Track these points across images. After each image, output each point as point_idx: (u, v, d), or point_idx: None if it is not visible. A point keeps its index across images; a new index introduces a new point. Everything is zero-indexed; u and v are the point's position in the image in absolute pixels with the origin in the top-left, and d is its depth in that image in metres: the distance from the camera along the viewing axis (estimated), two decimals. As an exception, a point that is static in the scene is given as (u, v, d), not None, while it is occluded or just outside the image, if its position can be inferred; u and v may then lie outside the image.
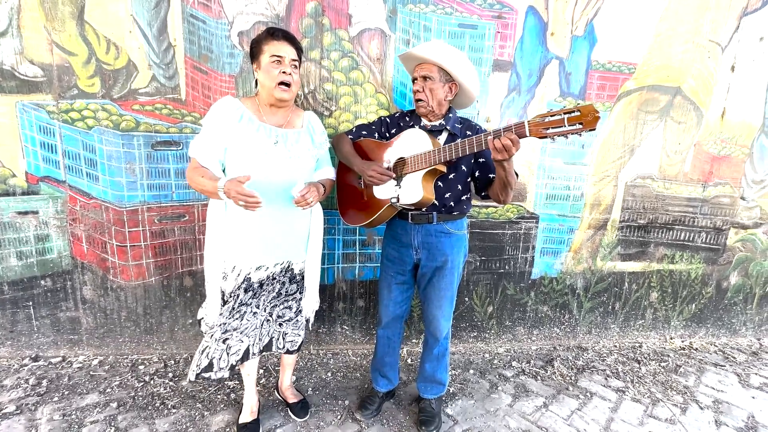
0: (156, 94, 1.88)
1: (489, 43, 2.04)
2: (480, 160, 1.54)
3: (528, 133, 1.21)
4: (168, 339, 2.15)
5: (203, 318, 1.55)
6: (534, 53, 2.09)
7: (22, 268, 1.96)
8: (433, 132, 1.55)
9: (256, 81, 1.46)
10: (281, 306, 1.64)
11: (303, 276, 1.62)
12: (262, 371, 2.06)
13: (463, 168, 1.54)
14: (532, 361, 2.29)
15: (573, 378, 2.15)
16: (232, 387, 1.92)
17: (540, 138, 1.20)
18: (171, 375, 1.98)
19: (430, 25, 1.97)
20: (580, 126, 1.13)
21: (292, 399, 1.78)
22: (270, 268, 1.52)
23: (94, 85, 1.84)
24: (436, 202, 1.54)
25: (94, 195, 1.94)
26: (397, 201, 1.50)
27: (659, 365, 2.32)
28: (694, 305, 2.61)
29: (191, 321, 2.14)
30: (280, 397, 1.84)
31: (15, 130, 1.83)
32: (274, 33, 1.39)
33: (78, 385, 1.88)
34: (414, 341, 2.36)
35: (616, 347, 2.51)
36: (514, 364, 2.26)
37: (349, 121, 2.02)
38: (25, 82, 1.80)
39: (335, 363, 2.18)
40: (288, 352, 1.69)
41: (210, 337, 1.50)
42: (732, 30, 2.23)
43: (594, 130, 1.13)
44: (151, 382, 1.93)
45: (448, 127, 1.54)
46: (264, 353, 1.66)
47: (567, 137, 1.17)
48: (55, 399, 1.78)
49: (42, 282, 1.99)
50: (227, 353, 1.53)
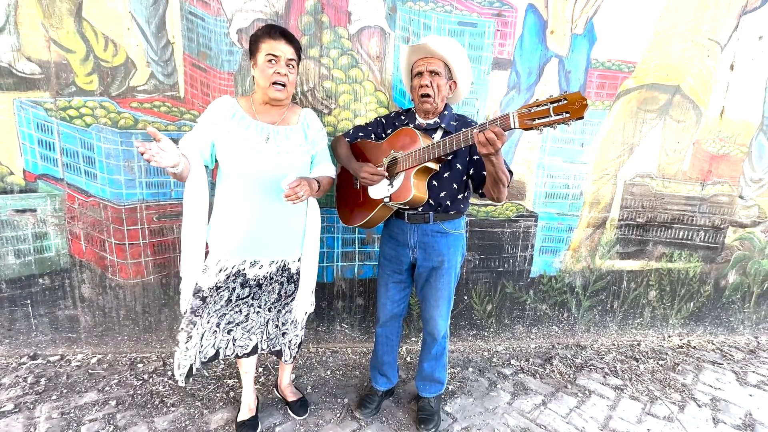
0: (154, 91, 1.87)
1: (488, 41, 2.04)
2: (474, 157, 1.52)
3: (514, 125, 1.18)
4: (167, 337, 2.15)
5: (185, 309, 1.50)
6: (534, 51, 2.09)
7: (20, 266, 1.96)
8: (428, 130, 1.54)
9: (252, 78, 1.45)
10: (284, 311, 1.63)
11: (299, 274, 1.61)
12: (261, 369, 2.06)
13: (459, 166, 1.53)
14: (531, 360, 2.30)
15: (572, 376, 2.16)
16: (231, 385, 1.92)
17: (527, 129, 1.17)
18: (170, 373, 1.98)
19: (429, 23, 1.97)
20: (567, 115, 1.08)
21: (291, 397, 1.78)
22: (265, 266, 1.51)
23: (92, 83, 1.83)
24: (431, 201, 1.53)
25: (92, 193, 1.93)
26: (390, 200, 1.50)
27: (657, 363, 2.33)
28: (692, 303, 2.62)
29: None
30: (279, 395, 1.84)
31: (12, 127, 1.82)
32: (271, 31, 1.37)
33: (77, 384, 1.88)
34: (413, 339, 2.36)
35: (614, 345, 2.52)
36: (513, 362, 2.27)
37: (349, 119, 2.02)
38: (23, 79, 1.79)
39: (334, 361, 2.18)
40: (292, 357, 1.70)
41: (215, 326, 1.48)
42: (731, 29, 2.23)
43: (581, 118, 1.06)
44: (150, 380, 1.93)
45: (443, 125, 1.53)
46: (266, 350, 1.65)
47: (554, 127, 1.13)
48: (54, 397, 1.78)
49: (40, 280, 1.99)
50: (233, 343, 1.54)
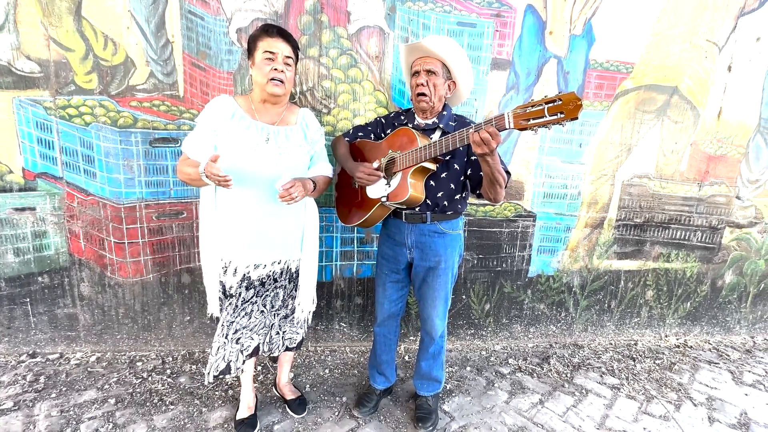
0: (154, 90, 1.87)
1: (488, 42, 2.04)
2: (472, 157, 1.52)
3: (509, 125, 1.18)
4: (166, 336, 2.16)
5: (213, 313, 1.54)
6: (532, 52, 2.09)
7: (19, 264, 1.96)
8: (427, 130, 1.55)
9: (250, 77, 1.46)
10: (285, 309, 1.65)
11: (298, 273, 1.62)
12: (259, 368, 2.07)
13: (456, 166, 1.53)
14: (528, 359, 2.31)
15: (569, 375, 2.17)
16: (230, 383, 1.92)
17: (521, 130, 1.17)
18: (169, 372, 1.99)
19: (428, 23, 1.97)
20: (561, 115, 1.08)
21: (289, 395, 1.79)
22: (268, 266, 1.52)
23: (91, 81, 1.83)
24: (428, 201, 1.53)
25: (91, 192, 1.94)
26: (387, 200, 1.50)
27: (654, 363, 2.34)
28: (689, 303, 2.64)
29: (189, 318, 2.14)
30: (277, 394, 1.85)
31: (12, 126, 1.82)
32: (268, 29, 1.39)
33: (76, 382, 1.88)
34: (411, 338, 2.37)
35: (611, 345, 2.53)
36: (510, 361, 2.28)
37: (348, 119, 2.02)
38: (22, 77, 1.79)
39: (333, 360, 2.18)
40: (287, 348, 1.70)
41: (224, 337, 1.51)
42: (729, 30, 2.24)
43: (576, 119, 1.06)
44: (149, 378, 1.93)
45: (441, 125, 1.53)
46: (267, 354, 1.67)
47: (549, 128, 1.13)
48: (53, 395, 1.78)
49: (39, 279, 1.99)
50: (241, 353, 1.55)
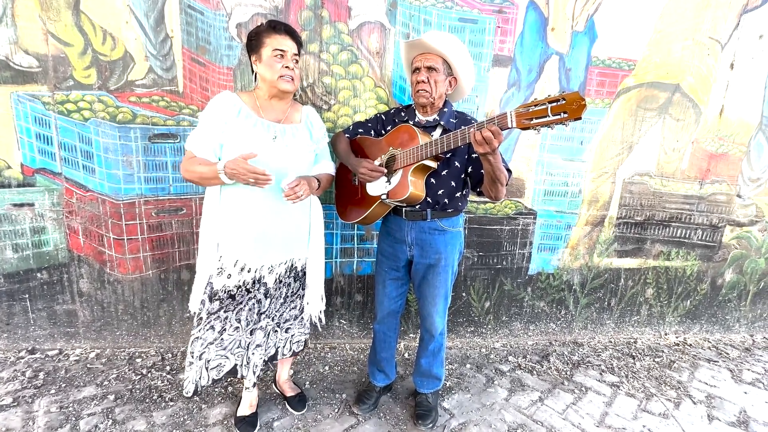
0: (153, 85, 1.86)
1: (489, 38, 2.03)
2: (473, 155, 1.51)
3: (511, 125, 1.17)
4: (165, 332, 2.15)
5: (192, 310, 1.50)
6: (534, 48, 2.08)
7: (18, 260, 1.95)
8: (427, 128, 1.54)
9: (255, 74, 1.45)
10: (288, 310, 1.64)
11: (305, 272, 1.62)
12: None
13: (457, 164, 1.52)
14: (528, 356, 2.31)
15: (568, 373, 2.17)
16: (229, 380, 1.92)
17: (524, 129, 1.15)
18: (168, 368, 1.99)
19: (430, 19, 1.96)
20: (565, 115, 1.06)
21: (289, 392, 1.79)
22: (275, 268, 1.52)
23: (90, 76, 1.82)
24: (429, 198, 1.53)
25: (90, 187, 1.93)
26: (387, 197, 1.50)
27: (653, 361, 2.35)
28: (689, 302, 2.64)
29: (188, 315, 2.14)
30: (277, 391, 1.85)
31: (10, 121, 1.81)
32: (276, 26, 1.37)
33: (75, 378, 1.88)
34: (411, 336, 2.37)
35: (611, 343, 2.53)
36: (510, 358, 2.28)
37: (348, 115, 2.01)
38: (20, 72, 1.78)
39: (333, 357, 2.18)
40: (293, 354, 1.70)
41: (218, 321, 1.48)
42: (732, 27, 2.23)
43: (579, 119, 1.05)
44: (149, 375, 1.93)
45: (442, 123, 1.52)
46: (269, 361, 1.66)
47: (552, 128, 1.12)
48: (52, 391, 1.78)
49: (38, 275, 1.98)
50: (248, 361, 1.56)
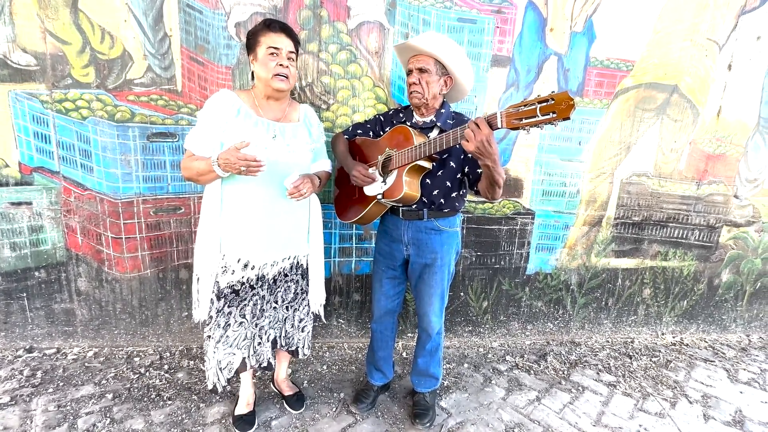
0: (151, 84, 1.86)
1: (488, 38, 2.03)
2: (468, 155, 1.51)
3: (501, 125, 1.17)
4: (164, 331, 2.15)
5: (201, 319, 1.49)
6: (533, 49, 2.09)
7: (15, 259, 1.95)
8: (424, 128, 1.54)
9: (252, 73, 1.45)
10: (301, 307, 1.66)
11: (309, 269, 1.64)
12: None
13: (452, 164, 1.52)
14: (525, 356, 2.32)
15: (566, 372, 2.18)
16: (227, 379, 1.92)
17: (513, 129, 1.16)
18: (167, 367, 1.99)
19: (429, 19, 1.96)
20: (553, 115, 1.06)
21: (287, 391, 1.79)
22: (279, 262, 1.53)
23: (88, 75, 1.82)
24: (425, 198, 1.53)
25: (88, 186, 1.92)
26: (383, 197, 1.51)
27: (650, 360, 2.36)
28: (685, 302, 2.65)
29: (187, 314, 2.14)
30: (275, 390, 1.86)
31: (8, 119, 1.81)
32: (271, 25, 1.37)
33: (73, 377, 1.88)
34: (409, 335, 2.38)
35: (608, 342, 2.54)
36: (507, 358, 2.29)
37: (347, 115, 2.01)
38: (18, 70, 1.77)
39: (331, 356, 2.19)
40: (292, 352, 1.71)
41: (222, 328, 1.48)
42: (730, 28, 2.24)
43: (568, 119, 1.05)
44: (147, 374, 1.93)
45: (438, 123, 1.53)
46: (285, 348, 1.69)
47: (541, 128, 1.12)
48: (50, 390, 1.78)
49: (36, 273, 1.98)
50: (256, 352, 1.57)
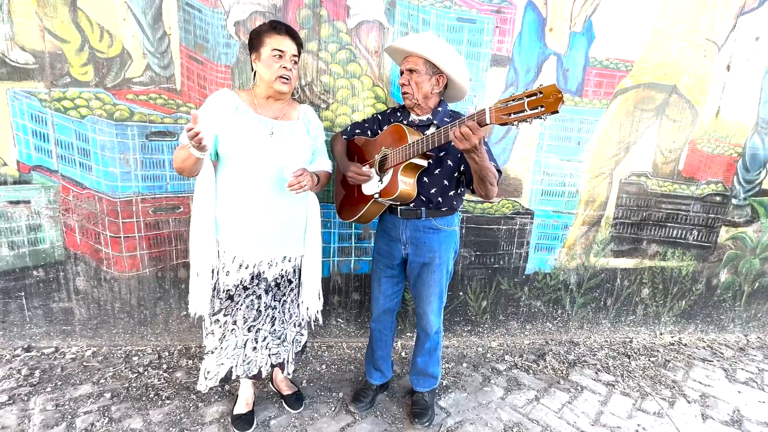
0: (150, 83, 1.85)
1: (487, 38, 2.03)
2: None
3: (489, 120, 1.18)
4: (162, 330, 2.15)
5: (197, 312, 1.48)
6: (532, 49, 2.09)
7: (13, 258, 1.94)
8: (421, 127, 1.55)
9: (254, 72, 1.45)
10: (295, 311, 1.65)
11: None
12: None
13: (449, 163, 1.53)
14: (524, 355, 2.32)
15: (564, 372, 2.18)
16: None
17: (502, 125, 1.17)
18: (165, 366, 1.98)
19: (428, 18, 1.96)
20: (542, 109, 1.06)
21: (286, 391, 1.79)
22: (279, 263, 1.52)
23: (87, 74, 1.81)
24: (422, 197, 1.54)
25: (87, 185, 1.92)
26: (379, 196, 1.51)
27: (649, 360, 2.36)
28: (684, 302, 2.65)
29: (185, 313, 2.14)
30: (274, 389, 1.85)
31: (6, 118, 1.80)
32: (277, 27, 1.38)
33: (71, 376, 1.87)
34: (408, 335, 2.38)
35: (607, 342, 2.55)
36: (506, 357, 2.29)
37: (346, 114, 2.01)
38: (16, 68, 1.77)
39: (330, 356, 2.19)
40: (294, 354, 1.71)
41: (220, 326, 1.49)
42: (729, 29, 2.24)
43: (556, 112, 1.05)
44: (145, 373, 1.93)
45: (435, 122, 1.53)
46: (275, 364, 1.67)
47: (530, 122, 1.12)
48: (48, 389, 1.78)
49: (34, 272, 1.98)
50: (269, 356, 1.58)
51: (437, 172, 1.53)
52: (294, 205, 1.50)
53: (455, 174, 1.55)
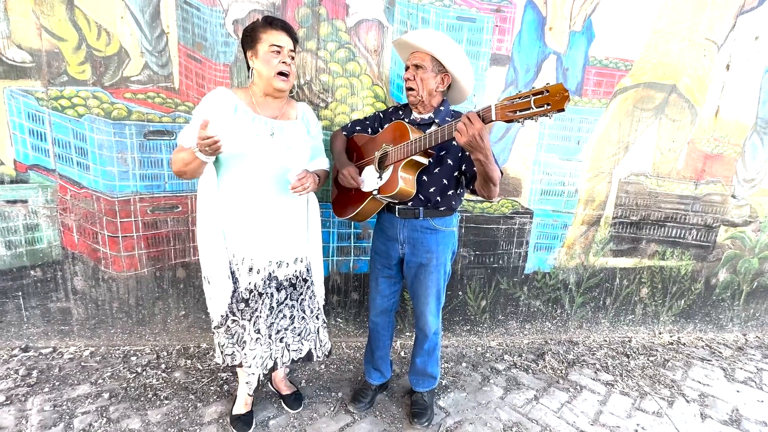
0: (148, 82, 1.84)
1: (487, 37, 2.03)
2: (466, 153, 1.51)
3: (495, 117, 1.17)
4: (161, 330, 2.14)
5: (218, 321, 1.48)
6: (532, 48, 2.08)
7: (11, 257, 1.93)
8: (422, 125, 1.54)
9: (250, 71, 1.43)
10: (317, 310, 1.66)
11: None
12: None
13: (449, 162, 1.52)
14: (523, 355, 2.32)
15: (563, 371, 2.18)
16: (225, 378, 1.92)
17: (507, 122, 1.16)
18: (164, 366, 1.98)
19: (428, 17, 1.95)
20: (548, 107, 1.06)
21: (285, 391, 1.79)
22: (291, 264, 1.52)
23: (84, 72, 1.80)
24: (421, 196, 1.53)
25: (84, 184, 1.91)
26: (378, 193, 1.50)
27: (648, 359, 2.36)
28: (683, 301, 2.66)
29: (184, 313, 2.13)
30: (273, 389, 1.85)
31: (3, 117, 1.79)
32: (272, 22, 1.36)
33: (69, 376, 1.87)
34: (408, 334, 2.37)
35: (606, 341, 2.55)
36: (506, 357, 2.29)
37: (345, 113, 2.00)
38: (13, 67, 1.76)
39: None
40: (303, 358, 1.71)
41: (239, 327, 1.48)
42: (728, 28, 2.24)
43: (562, 110, 1.04)
44: (144, 373, 1.92)
45: (437, 120, 1.52)
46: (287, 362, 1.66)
47: (536, 120, 1.11)
48: (46, 390, 1.77)
49: (32, 272, 1.97)
50: (287, 350, 1.58)
51: (437, 171, 1.53)
52: (295, 205, 1.50)
53: (455, 173, 1.55)
